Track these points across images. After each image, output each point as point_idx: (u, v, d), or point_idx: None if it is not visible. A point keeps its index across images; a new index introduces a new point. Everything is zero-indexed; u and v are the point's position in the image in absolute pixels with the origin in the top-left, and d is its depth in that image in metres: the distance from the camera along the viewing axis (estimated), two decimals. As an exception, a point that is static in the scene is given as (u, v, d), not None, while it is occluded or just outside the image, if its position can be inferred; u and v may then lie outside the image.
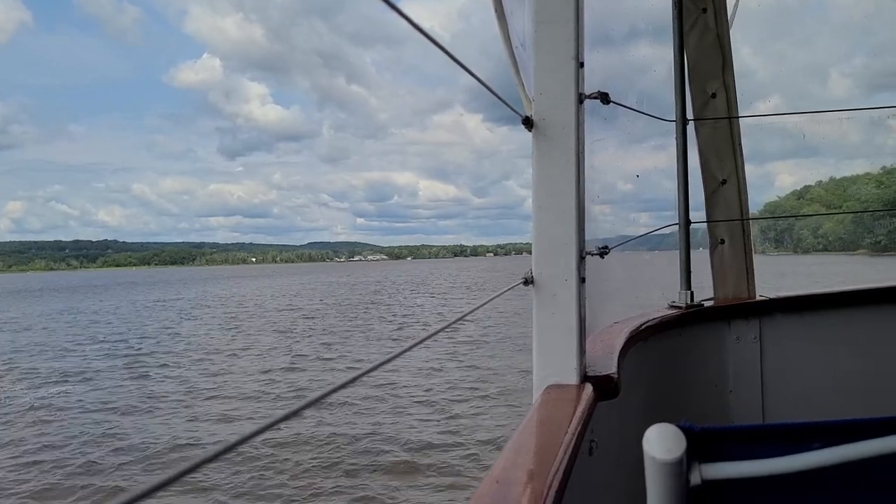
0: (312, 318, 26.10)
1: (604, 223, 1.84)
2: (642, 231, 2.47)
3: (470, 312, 1.19)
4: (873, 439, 0.82)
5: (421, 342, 0.99)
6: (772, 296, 2.54)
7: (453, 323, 1.14)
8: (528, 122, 1.36)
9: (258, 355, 16.27)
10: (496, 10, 1.34)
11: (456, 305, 30.97)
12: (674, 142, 2.51)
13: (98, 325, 26.13)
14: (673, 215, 2.51)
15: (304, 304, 35.17)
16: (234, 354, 16.50)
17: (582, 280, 1.37)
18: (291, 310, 30.70)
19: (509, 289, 1.36)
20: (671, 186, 2.51)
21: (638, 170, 2.54)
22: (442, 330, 1.10)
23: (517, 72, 1.38)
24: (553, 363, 1.36)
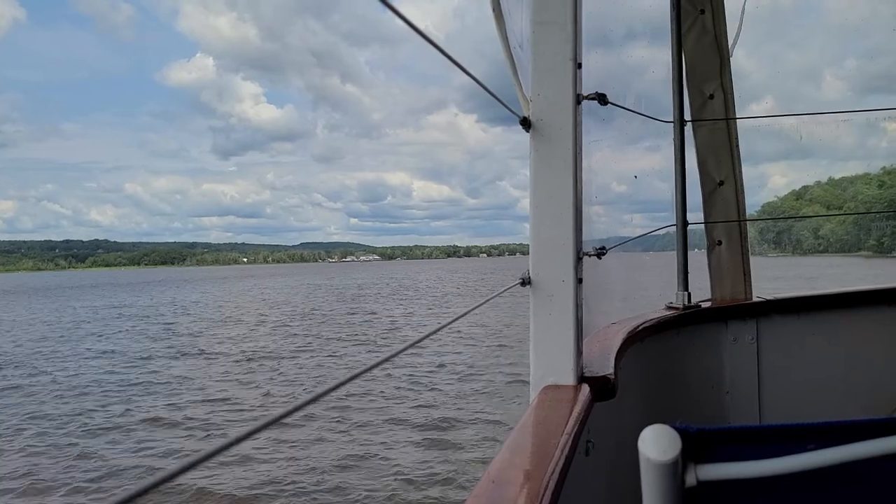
0: (258, 337, 20.57)
1: (601, 224, 1.85)
2: (639, 232, 2.47)
3: (468, 312, 1.19)
4: (869, 440, 0.83)
5: (421, 340, 0.98)
6: (769, 297, 2.54)
7: (452, 322, 1.14)
8: (525, 123, 1.36)
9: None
10: (494, 11, 1.34)
11: (437, 316, 26.69)
12: (671, 143, 2.51)
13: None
14: (670, 216, 2.52)
15: (265, 311, 30.90)
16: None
17: (579, 281, 1.37)
18: (242, 323, 25.59)
19: (507, 289, 1.36)
20: (668, 187, 2.51)
21: (635, 171, 2.55)
22: (441, 329, 1.10)
23: (515, 72, 1.39)
24: (550, 364, 1.36)
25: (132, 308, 37.13)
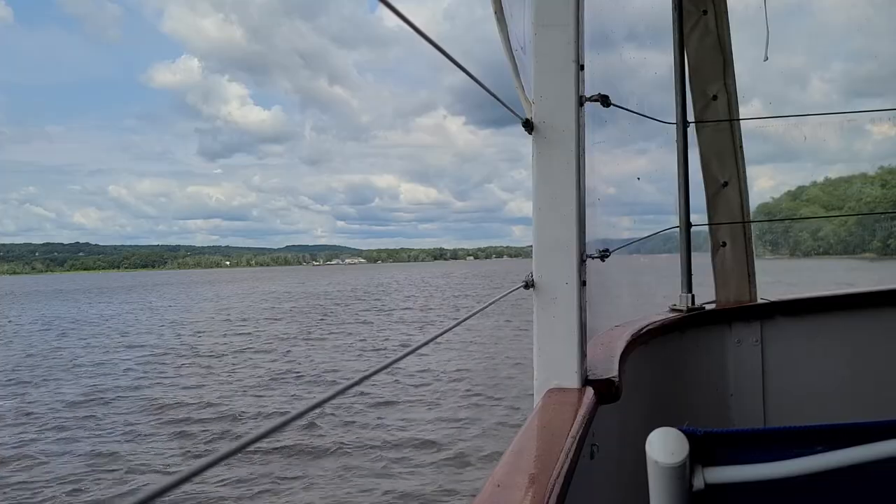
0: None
1: (603, 226, 1.84)
2: (643, 234, 2.47)
3: (471, 315, 1.18)
4: (875, 443, 0.83)
5: (424, 344, 0.97)
6: (773, 299, 2.53)
7: (454, 326, 1.13)
8: (528, 125, 1.36)
9: None
10: (496, 13, 1.33)
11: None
12: (673, 144, 2.50)
13: None
14: (672, 218, 2.50)
15: (184, 333, 23.67)
16: None
17: (583, 283, 1.37)
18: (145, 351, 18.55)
19: (510, 292, 1.35)
20: (671, 189, 2.50)
21: (638, 172, 2.53)
22: (442, 333, 1.09)
23: (517, 74, 1.38)
24: (554, 367, 1.35)
25: (15, 325, 30.31)
